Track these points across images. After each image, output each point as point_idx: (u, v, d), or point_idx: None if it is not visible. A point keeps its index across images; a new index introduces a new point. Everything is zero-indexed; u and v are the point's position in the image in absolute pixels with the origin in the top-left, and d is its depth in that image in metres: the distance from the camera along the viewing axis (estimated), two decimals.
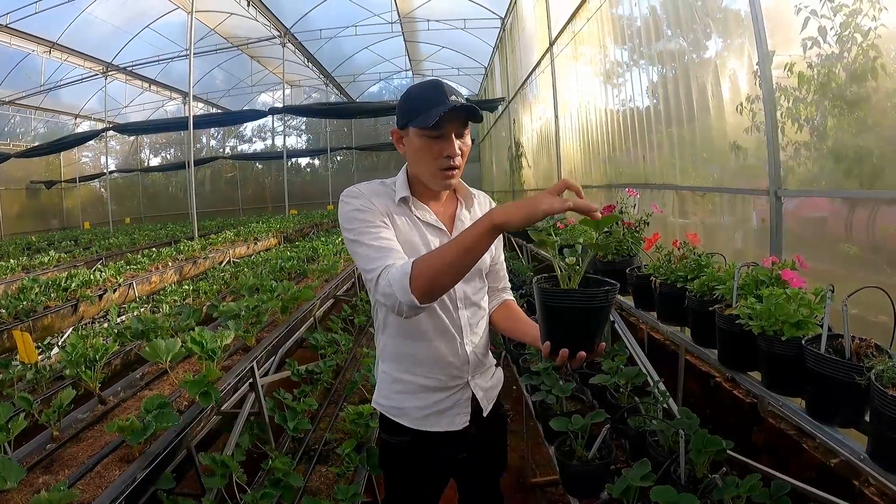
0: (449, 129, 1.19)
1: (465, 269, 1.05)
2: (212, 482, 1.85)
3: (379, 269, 1.10)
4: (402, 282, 1.03)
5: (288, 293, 3.49)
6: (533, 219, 0.95)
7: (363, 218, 1.20)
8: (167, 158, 21.20)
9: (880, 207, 1.98)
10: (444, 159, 1.21)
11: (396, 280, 1.04)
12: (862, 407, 1.08)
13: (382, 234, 1.18)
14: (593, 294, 1.02)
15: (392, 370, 1.35)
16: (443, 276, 1.03)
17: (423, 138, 1.21)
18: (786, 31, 2.28)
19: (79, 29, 11.93)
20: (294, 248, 7.32)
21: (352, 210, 1.22)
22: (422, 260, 1.05)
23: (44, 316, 4.10)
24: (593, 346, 1.05)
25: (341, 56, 16.15)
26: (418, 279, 1.02)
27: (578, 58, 5.57)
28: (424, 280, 1.02)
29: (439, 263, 1.02)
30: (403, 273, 1.03)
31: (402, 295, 1.03)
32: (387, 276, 1.07)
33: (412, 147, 1.24)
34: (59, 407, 1.89)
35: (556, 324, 1.06)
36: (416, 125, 1.19)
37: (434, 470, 1.40)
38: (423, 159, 1.23)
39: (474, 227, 1.00)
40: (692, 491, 1.31)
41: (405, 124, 1.23)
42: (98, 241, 10.25)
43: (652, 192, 3.79)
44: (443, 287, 1.06)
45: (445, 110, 1.14)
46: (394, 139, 1.30)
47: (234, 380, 2.26)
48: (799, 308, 1.26)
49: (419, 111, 1.18)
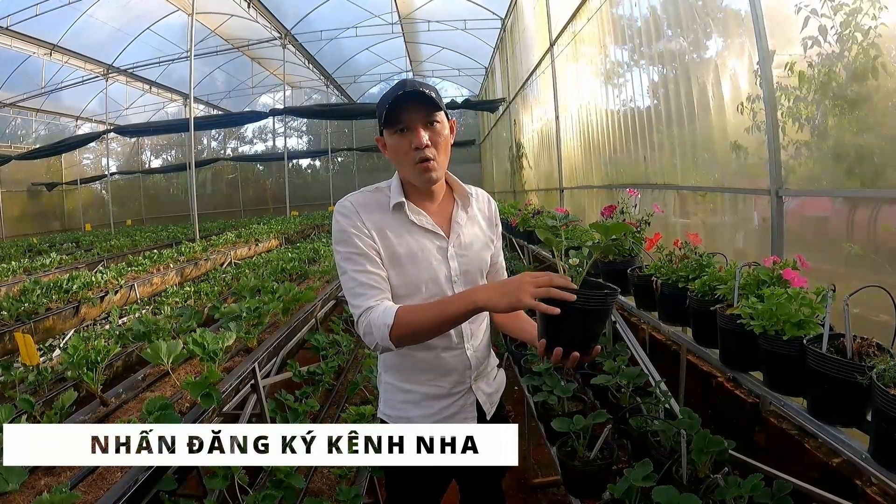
0: (413, 121, 1.20)
1: (442, 332, 1.17)
2: (214, 483, 1.85)
3: (361, 309, 1.17)
4: (383, 330, 1.11)
5: (289, 294, 3.50)
6: (515, 309, 1.04)
7: (350, 242, 1.21)
8: (168, 160, 21.22)
9: (881, 206, 1.97)
10: (414, 152, 1.21)
11: (377, 327, 1.12)
12: (864, 406, 1.07)
13: (368, 266, 1.20)
14: (592, 296, 1.02)
15: (396, 380, 1.35)
16: (420, 335, 1.14)
17: (393, 136, 1.22)
18: (786, 30, 2.27)
19: (79, 31, 11.96)
20: (295, 249, 7.33)
21: (340, 231, 1.24)
22: (404, 315, 1.11)
23: (45, 318, 4.11)
24: (588, 349, 1.06)
25: (342, 57, 16.17)
26: (398, 330, 1.11)
27: (579, 58, 5.57)
28: (403, 333, 1.11)
29: (418, 326, 1.11)
30: (384, 323, 1.11)
31: (381, 340, 1.12)
32: (367, 318, 1.14)
33: (390, 149, 1.26)
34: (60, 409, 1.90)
35: (553, 322, 1.07)
36: (383, 125, 1.22)
37: (436, 472, 1.40)
38: (399, 158, 1.24)
39: (459, 303, 1.09)
40: (694, 491, 1.31)
41: (381, 128, 1.25)
42: (99, 243, 10.27)
43: (653, 192, 3.79)
44: (419, 341, 1.17)
45: (390, 100, 1.17)
46: (380, 147, 1.31)
47: (235, 381, 2.26)
48: (800, 308, 1.26)
49: (382, 111, 1.20)
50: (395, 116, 1.19)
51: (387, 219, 1.26)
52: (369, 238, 1.22)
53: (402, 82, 1.20)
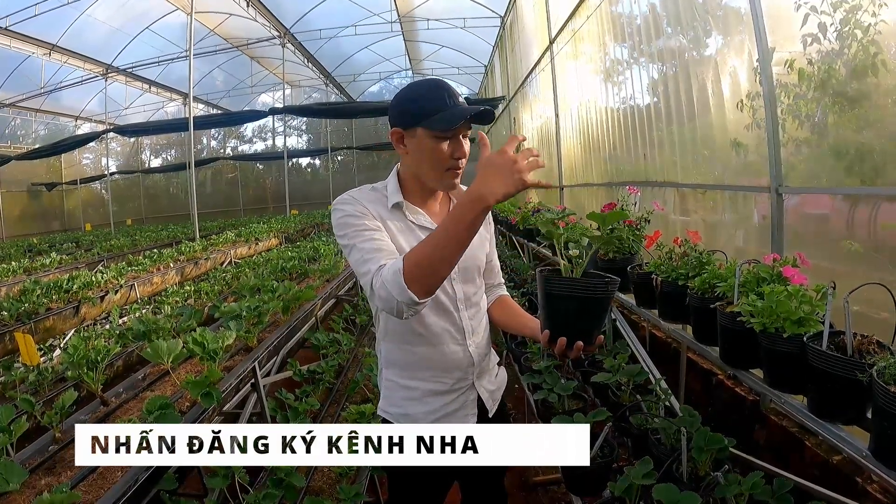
0: (461, 131, 1.19)
1: (457, 255, 1.00)
2: (214, 482, 1.85)
3: (372, 272, 1.07)
4: (397, 279, 0.99)
5: (289, 293, 3.50)
6: (521, 189, 0.96)
7: (355, 222, 1.19)
8: (168, 159, 21.22)
9: (882, 204, 1.97)
10: (452, 160, 1.21)
11: (390, 279, 1.00)
12: (864, 404, 1.07)
13: (375, 235, 1.16)
14: (594, 283, 1.03)
15: (397, 377, 1.35)
16: (436, 265, 0.99)
17: (434, 140, 1.18)
18: (786, 27, 2.27)
19: (78, 31, 11.95)
20: (295, 248, 7.33)
21: (343, 216, 1.21)
22: (412, 253, 1.01)
23: (46, 318, 4.11)
24: (591, 338, 1.06)
25: (341, 56, 16.15)
26: (410, 270, 0.98)
27: (578, 56, 5.56)
28: (417, 270, 0.98)
29: (431, 252, 0.98)
30: (395, 270, 1.00)
31: (399, 294, 0.99)
32: (380, 277, 1.04)
33: (419, 147, 1.21)
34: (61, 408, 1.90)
35: (556, 311, 1.07)
36: (430, 127, 1.17)
37: (437, 470, 1.40)
38: (431, 160, 1.21)
39: (464, 209, 0.96)
40: (694, 489, 1.31)
41: (412, 124, 1.20)
42: (99, 243, 10.27)
43: (653, 189, 3.79)
44: (439, 276, 1.01)
45: (467, 115, 1.15)
46: (393, 139, 1.26)
47: (235, 380, 2.27)
48: (800, 305, 1.26)
49: (432, 113, 1.16)
50: (449, 125, 1.15)
51: (387, 214, 1.26)
52: (375, 218, 1.22)
53: (447, 86, 1.18)
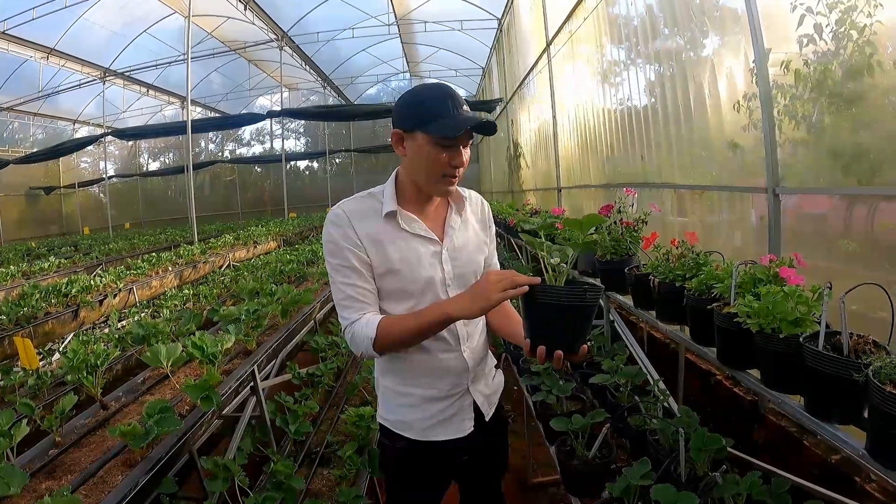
0: (462, 140, 1.20)
1: (425, 340, 1.25)
2: (214, 486, 1.85)
3: (347, 322, 1.24)
4: (366, 342, 1.19)
5: (288, 296, 3.49)
6: (487, 310, 1.12)
7: (336, 257, 1.24)
8: (166, 163, 21.19)
9: (878, 204, 1.98)
10: (450, 168, 1.21)
11: (359, 342, 1.21)
12: (860, 404, 1.08)
13: (356, 280, 1.24)
14: (574, 291, 1.02)
15: (393, 384, 1.35)
16: (401, 345, 1.24)
17: (434, 146, 1.18)
18: (782, 28, 2.28)
19: (76, 34, 11.95)
20: (294, 251, 7.32)
21: (328, 241, 1.26)
22: (385, 327, 1.19)
23: (44, 322, 4.10)
24: (573, 348, 1.05)
25: (339, 58, 16.16)
26: (380, 341, 1.19)
27: (576, 57, 5.58)
28: (385, 343, 1.20)
29: (399, 336, 1.19)
30: (367, 335, 1.19)
31: (365, 350, 1.21)
32: (351, 331, 1.23)
33: (417, 152, 1.21)
34: (60, 413, 1.90)
35: (536, 320, 1.07)
36: (432, 132, 1.16)
37: (435, 473, 1.40)
38: (428, 166, 1.21)
39: (432, 315, 1.16)
40: (693, 489, 1.31)
41: (412, 128, 1.20)
42: (98, 247, 10.25)
43: (650, 191, 3.80)
44: (402, 349, 1.28)
45: (469, 126, 1.16)
46: (393, 140, 1.25)
47: (235, 384, 2.26)
48: (796, 305, 1.26)
49: (434, 119, 1.16)
50: (451, 133, 1.15)
51: (379, 226, 1.25)
52: (360, 250, 1.23)
53: (453, 94, 1.19)
